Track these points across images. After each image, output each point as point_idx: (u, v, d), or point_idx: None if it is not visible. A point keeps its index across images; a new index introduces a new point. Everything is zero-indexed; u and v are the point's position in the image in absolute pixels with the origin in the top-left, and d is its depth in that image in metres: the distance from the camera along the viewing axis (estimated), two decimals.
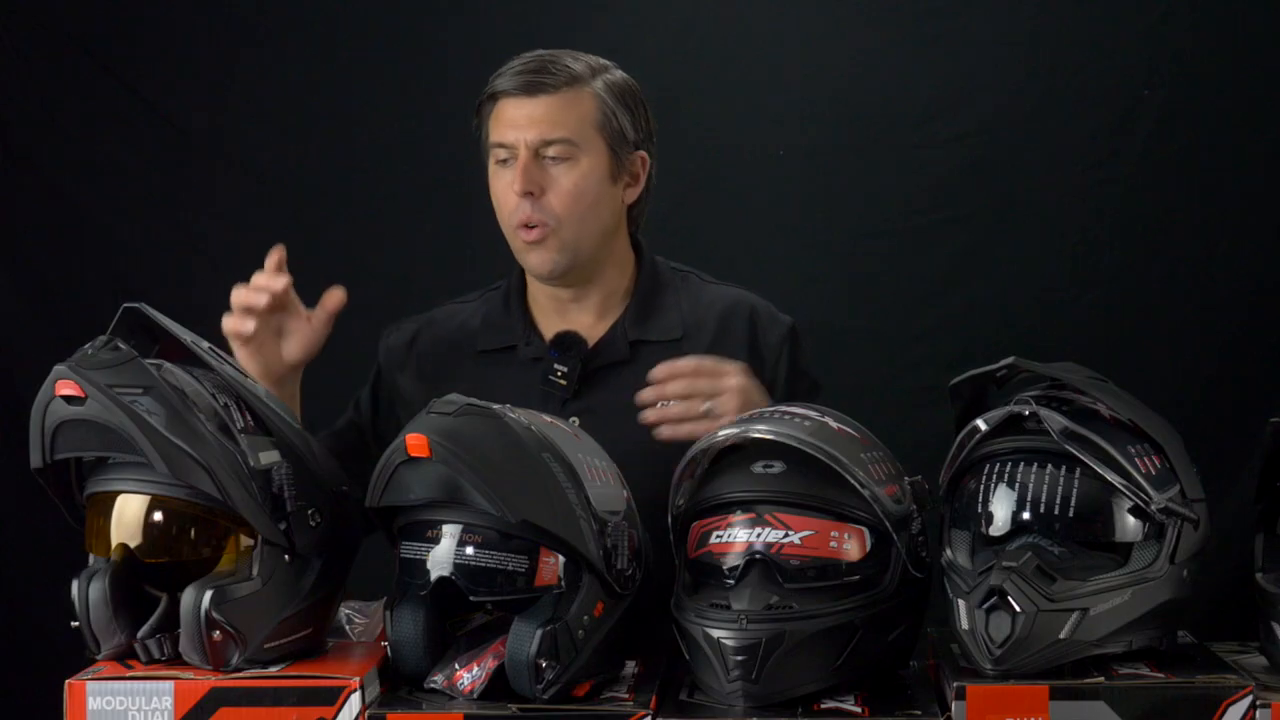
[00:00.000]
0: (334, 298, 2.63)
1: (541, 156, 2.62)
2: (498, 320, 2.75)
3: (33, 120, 3.62)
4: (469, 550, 2.17)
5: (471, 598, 2.19)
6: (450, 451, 2.12)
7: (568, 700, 2.18)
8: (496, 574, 2.17)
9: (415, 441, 2.13)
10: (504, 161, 2.65)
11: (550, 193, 2.62)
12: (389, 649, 2.25)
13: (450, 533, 2.18)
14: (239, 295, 2.57)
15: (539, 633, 2.15)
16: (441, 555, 2.18)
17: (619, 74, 2.70)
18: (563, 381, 2.65)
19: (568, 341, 2.69)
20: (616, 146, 2.66)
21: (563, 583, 2.19)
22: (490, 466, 2.14)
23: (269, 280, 2.55)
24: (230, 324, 2.57)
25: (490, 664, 2.19)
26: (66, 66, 3.61)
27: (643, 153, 2.71)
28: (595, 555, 2.18)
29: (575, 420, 2.61)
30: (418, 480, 2.16)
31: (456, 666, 2.20)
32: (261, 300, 2.55)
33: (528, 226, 2.63)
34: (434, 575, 2.18)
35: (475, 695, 2.18)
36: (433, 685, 2.20)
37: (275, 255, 2.56)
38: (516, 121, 2.63)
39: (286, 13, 3.63)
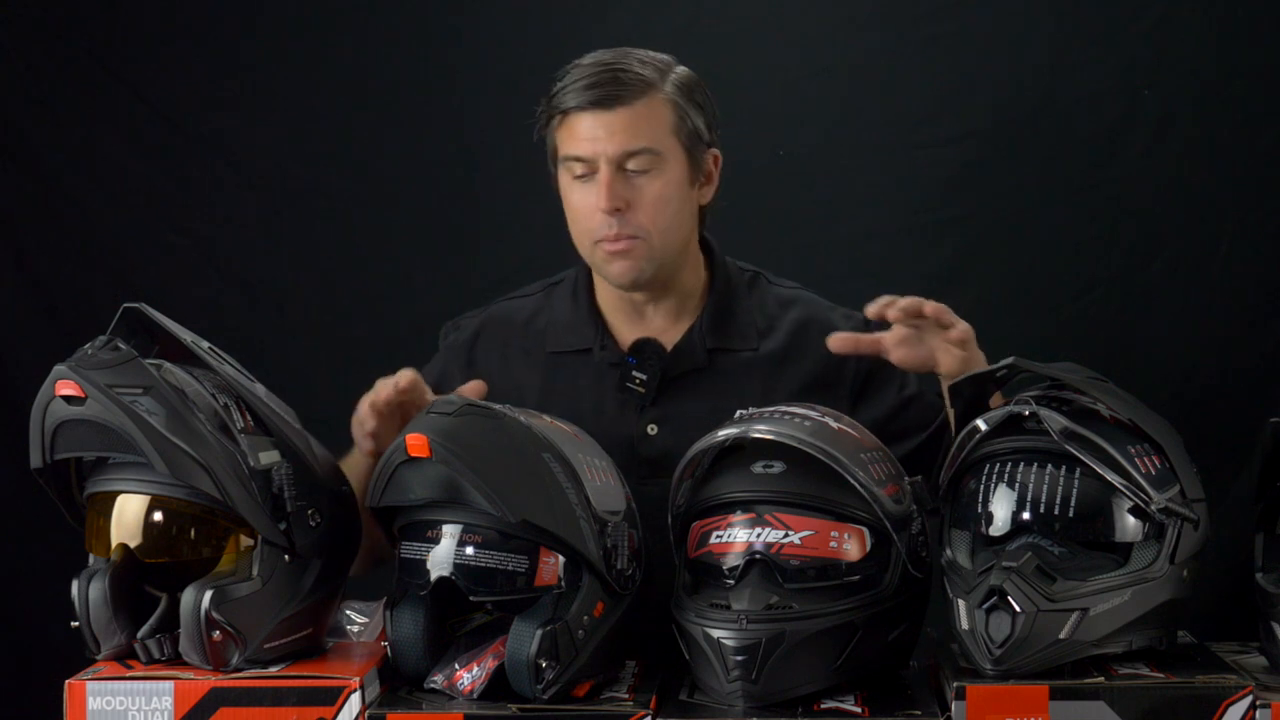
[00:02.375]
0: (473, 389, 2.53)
1: (624, 169, 2.56)
2: (568, 320, 2.70)
3: (33, 120, 3.62)
4: (469, 550, 2.17)
5: (471, 598, 2.19)
6: (450, 451, 2.12)
7: (568, 700, 2.18)
8: (496, 574, 2.17)
9: (415, 441, 2.13)
10: (582, 177, 2.58)
11: (636, 206, 2.56)
12: (389, 649, 2.25)
13: (450, 533, 2.18)
14: (366, 402, 2.49)
15: (539, 633, 2.14)
16: (441, 555, 2.18)
17: (683, 70, 2.64)
18: (642, 390, 2.61)
19: (647, 349, 2.64)
20: (693, 149, 2.61)
21: (563, 583, 2.19)
22: (490, 466, 2.13)
23: (371, 406, 2.47)
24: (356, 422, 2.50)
25: (490, 664, 2.19)
26: (67, 66, 3.60)
27: (715, 150, 2.67)
28: (595, 555, 2.18)
29: (653, 428, 2.61)
30: (418, 480, 2.16)
31: (456, 666, 2.20)
32: (371, 414, 2.47)
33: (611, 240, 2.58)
34: (434, 575, 2.18)
35: (475, 695, 2.18)
36: (433, 685, 2.20)
37: (405, 380, 2.48)
38: (595, 135, 2.55)
39: (287, 12, 3.63)
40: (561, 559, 2.19)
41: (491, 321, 2.75)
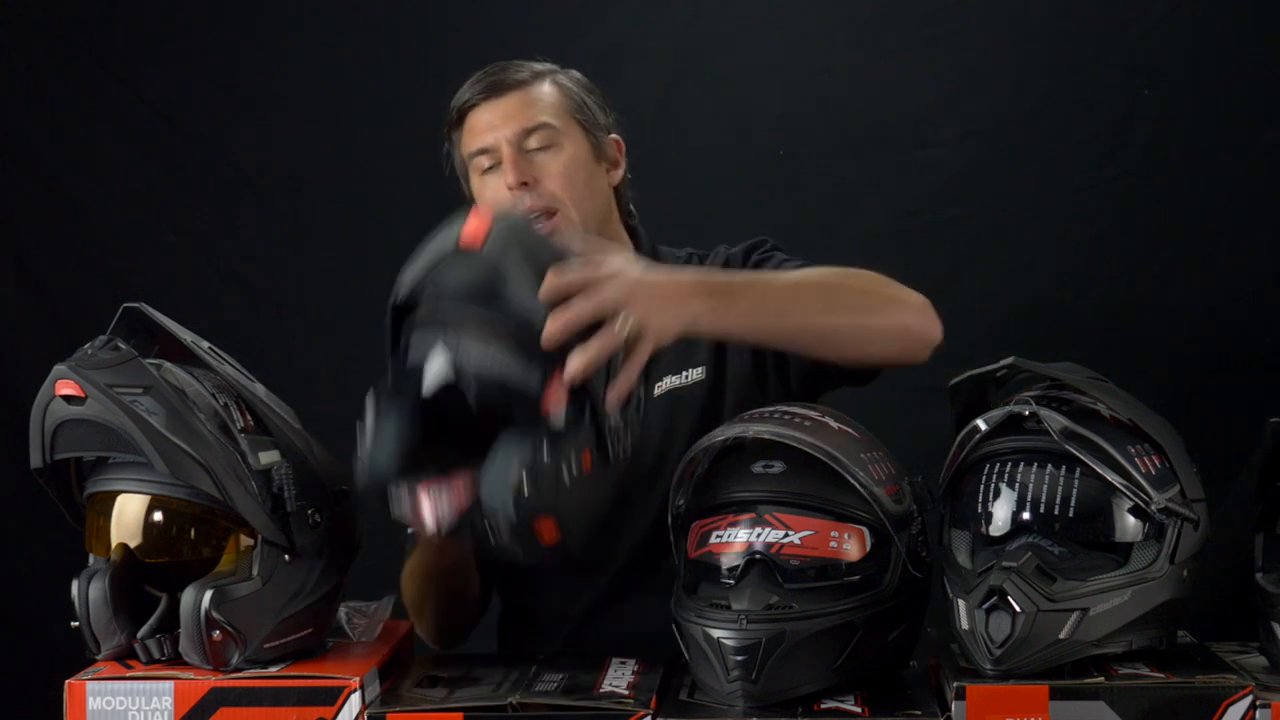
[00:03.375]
0: None
1: (525, 149, 2.62)
2: None
3: (32, 120, 3.63)
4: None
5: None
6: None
7: (566, 692, 2.17)
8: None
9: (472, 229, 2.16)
10: (489, 169, 2.64)
11: (544, 179, 2.61)
12: (362, 459, 2.13)
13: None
14: None
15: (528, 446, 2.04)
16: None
17: (573, 72, 2.71)
18: None
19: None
20: (592, 129, 2.67)
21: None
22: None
23: None
24: None
25: (459, 500, 2.07)
26: (67, 66, 3.61)
27: (615, 136, 2.71)
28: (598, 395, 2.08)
29: None
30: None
31: (422, 496, 2.09)
32: None
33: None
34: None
35: (443, 532, 2.08)
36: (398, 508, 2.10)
37: None
38: (492, 123, 2.63)
39: (287, 12, 3.63)
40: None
41: None
